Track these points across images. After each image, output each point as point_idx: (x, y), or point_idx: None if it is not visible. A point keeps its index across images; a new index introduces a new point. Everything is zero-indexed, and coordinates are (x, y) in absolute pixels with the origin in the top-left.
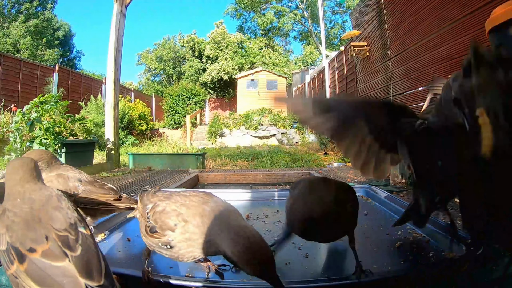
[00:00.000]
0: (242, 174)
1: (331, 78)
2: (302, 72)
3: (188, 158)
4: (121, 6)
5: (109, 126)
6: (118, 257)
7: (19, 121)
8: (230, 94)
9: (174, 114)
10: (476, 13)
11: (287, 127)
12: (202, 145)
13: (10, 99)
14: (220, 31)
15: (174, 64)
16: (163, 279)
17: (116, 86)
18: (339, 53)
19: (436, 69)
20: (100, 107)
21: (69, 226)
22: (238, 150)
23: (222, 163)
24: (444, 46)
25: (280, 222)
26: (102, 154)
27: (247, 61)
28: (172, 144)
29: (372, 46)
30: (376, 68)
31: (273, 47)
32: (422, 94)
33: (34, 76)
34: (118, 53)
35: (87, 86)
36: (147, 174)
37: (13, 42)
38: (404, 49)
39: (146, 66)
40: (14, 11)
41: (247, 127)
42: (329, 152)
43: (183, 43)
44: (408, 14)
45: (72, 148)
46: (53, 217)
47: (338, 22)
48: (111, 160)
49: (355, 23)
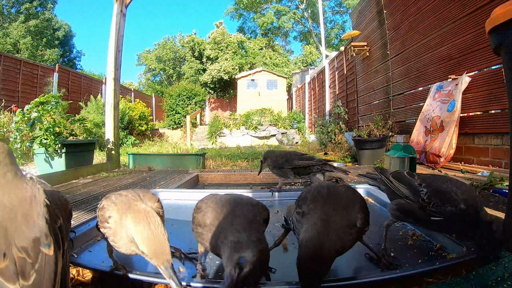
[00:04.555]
0: (242, 174)
1: (331, 78)
2: (302, 72)
3: (188, 158)
4: (121, 6)
5: (109, 126)
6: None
7: (19, 121)
8: (230, 94)
9: (174, 114)
10: (476, 13)
11: (287, 127)
12: (202, 145)
13: (10, 99)
14: (220, 32)
15: (174, 64)
16: (136, 275)
17: (116, 86)
18: (339, 53)
19: (436, 69)
20: (100, 107)
21: (31, 245)
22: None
23: (222, 163)
24: (444, 46)
25: (280, 222)
26: (102, 154)
27: (247, 61)
28: (172, 144)
29: (372, 46)
30: (376, 68)
31: (273, 47)
32: (422, 94)
33: (34, 76)
34: (118, 53)
35: (87, 86)
36: (147, 174)
37: (13, 42)
38: (404, 49)
39: (146, 66)
40: (14, 11)
41: (247, 127)
42: (329, 152)
43: (183, 43)
44: (408, 14)
45: (72, 148)
46: (18, 229)
47: (338, 22)
48: (111, 160)
49: (355, 23)
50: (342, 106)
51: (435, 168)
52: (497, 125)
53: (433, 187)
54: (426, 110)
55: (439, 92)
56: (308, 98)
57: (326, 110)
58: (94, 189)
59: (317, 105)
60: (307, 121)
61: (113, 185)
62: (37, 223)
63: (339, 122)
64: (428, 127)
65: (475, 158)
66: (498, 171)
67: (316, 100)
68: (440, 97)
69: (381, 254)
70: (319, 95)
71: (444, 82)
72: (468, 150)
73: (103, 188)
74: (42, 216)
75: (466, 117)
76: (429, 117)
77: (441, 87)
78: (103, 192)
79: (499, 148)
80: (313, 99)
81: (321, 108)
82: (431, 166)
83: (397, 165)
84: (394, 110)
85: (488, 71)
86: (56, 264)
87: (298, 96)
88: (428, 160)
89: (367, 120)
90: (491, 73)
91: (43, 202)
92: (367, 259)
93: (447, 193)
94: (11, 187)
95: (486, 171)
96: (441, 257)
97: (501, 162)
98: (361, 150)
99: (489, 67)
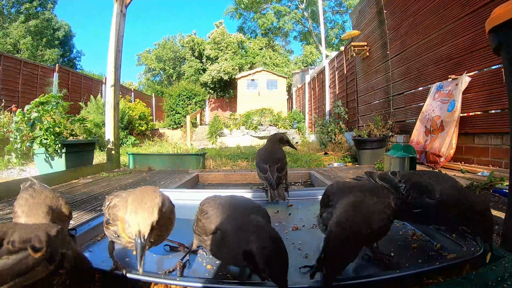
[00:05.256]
0: (242, 174)
1: (331, 78)
2: (302, 72)
3: (188, 158)
4: (121, 6)
5: (109, 126)
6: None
7: (19, 121)
8: (230, 94)
9: (174, 114)
10: (476, 13)
11: (287, 127)
12: (202, 145)
13: (11, 99)
14: (220, 31)
15: (174, 64)
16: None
17: (116, 86)
18: (339, 53)
19: (436, 69)
20: (100, 107)
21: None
22: (238, 150)
23: (222, 163)
24: (444, 46)
25: (280, 222)
26: (102, 154)
27: (247, 61)
28: (172, 144)
29: (372, 46)
30: (376, 68)
31: (273, 47)
32: (422, 94)
33: (34, 76)
34: (118, 53)
35: (87, 86)
36: (147, 174)
37: (13, 42)
38: (404, 49)
39: (146, 66)
40: (14, 11)
41: (247, 127)
42: (329, 152)
43: (183, 43)
44: (408, 14)
45: (72, 148)
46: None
47: (338, 22)
48: (111, 160)
49: (355, 23)
50: (342, 106)
51: (435, 168)
52: (497, 125)
53: (412, 182)
54: (426, 110)
55: (439, 92)
56: (308, 98)
57: (326, 110)
58: (94, 189)
59: (317, 105)
60: (307, 121)
61: (113, 185)
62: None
63: (339, 122)
64: (428, 127)
65: (475, 158)
66: (498, 171)
67: (316, 100)
68: (440, 97)
69: (380, 254)
70: (319, 95)
71: (444, 82)
72: (468, 150)
73: (103, 188)
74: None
75: (466, 117)
76: (429, 117)
77: (441, 87)
78: (103, 192)
79: (499, 148)
80: (313, 99)
81: (321, 108)
82: (431, 166)
83: (397, 165)
84: (394, 110)
85: (488, 71)
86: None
87: (298, 96)
88: (428, 160)
89: (367, 120)
90: (491, 73)
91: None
92: (367, 259)
93: (424, 185)
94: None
95: (486, 171)
96: (441, 257)
97: (501, 162)
98: (361, 150)
99: (489, 67)
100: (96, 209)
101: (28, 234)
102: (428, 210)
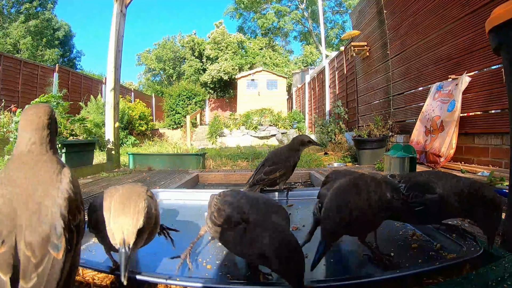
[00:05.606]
0: (242, 174)
1: (331, 78)
2: (302, 72)
3: (188, 158)
4: (121, 6)
5: (109, 126)
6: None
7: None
8: (230, 94)
9: (174, 114)
10: (476, 13)
11: (287, 127)
12: (202, 145)
13: (11, 99)
14: (220, 31)
15: (174, 64)
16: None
17: (116, 86)
18: (339, 53)
19: (436, 69)
20: (100, 107)
21: (38, 242)
22: (238, 150)
23: (222, 163)
24: (444, 46)
25: None
26: (102, 154)
27: (247, 61)
28: (172, 144)
29: (372, 46)
30: (376, 68)
31: (273, 47)
32: (422, 94)
33: (34, 76)
34: (118, 53)
35: (87, 86)
36: (147, 174)
37: (13, 42)
38: (404, 49)
39: (146, 66)
40: (14, 11)
41: (247, 127)
42: (329, 152)
43: (183, 43)
44: (408, 14)
45: (72, 148)
46: (29, 217)
47: (338, 22)
48: (111, 160)
49: (355, 23)
50: (342, 106)
51: (435, 168)
52: (497, 125)
53: (411, 181)
54: (426, 110)
55: (439, 92)
56: (308, 98)
57: (326, 110)
58: (94, 189)
59: (317, 105)
60: (307, 121)
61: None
62: (51, 217)
63: (339, 122)
64: (428, 127)
65: (475, 158)
66: (498, 171)
67: (316, 100)
68: (440, 97)
69: (380, 254)
70: (319, 95)
71: (444, 82)
72: (468, 150)
73: (103, 188)
74: (59, 209)
75: (466, 117)
76: (429, 117)
77: (441, 87)
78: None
79: (499, 148)
80: (313, 99)
81: (321, 108)
82: (431, 166)
83: (397, 165)
84: (394, 110)
85: (488, 71)
86: (62, 270)
87: (298, 96)
88: (428, 160)
89: (367, 120)
90: (491, 73)
91: (65, 193)
92: (367, 259)
93: (424, 183)
94: (34, 162)
95: (486, 171)
96: (441, 257)
97: (501, 162)
98: (361, 150)
99: (489, 67)
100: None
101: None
102: (430, 206)
